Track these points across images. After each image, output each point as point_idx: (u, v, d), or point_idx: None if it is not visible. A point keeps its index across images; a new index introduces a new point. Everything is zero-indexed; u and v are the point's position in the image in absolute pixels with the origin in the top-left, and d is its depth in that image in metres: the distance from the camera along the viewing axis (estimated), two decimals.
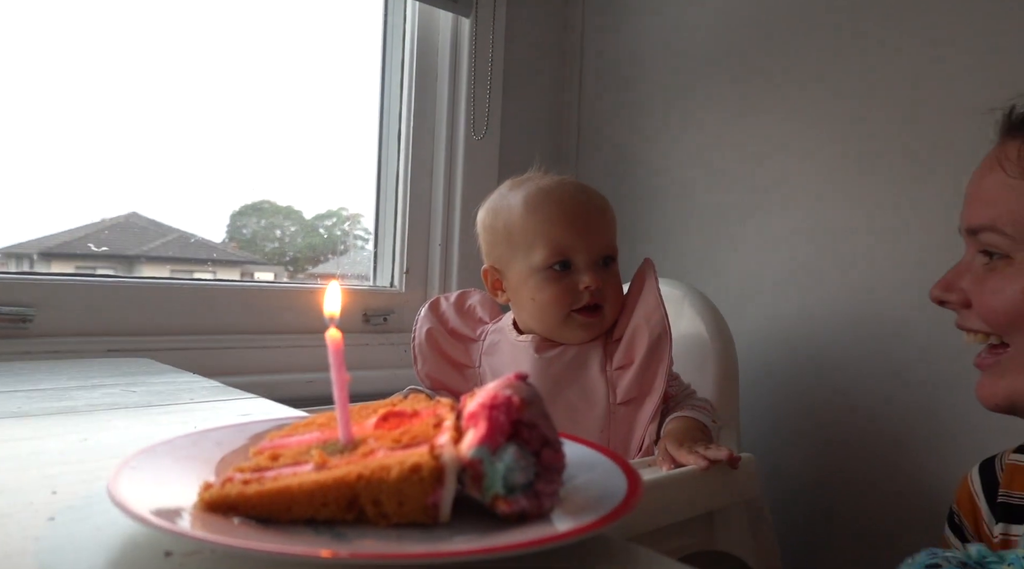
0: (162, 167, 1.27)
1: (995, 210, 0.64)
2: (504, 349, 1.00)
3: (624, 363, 0.92)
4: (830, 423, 1.18)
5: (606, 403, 0.93)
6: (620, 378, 0.92)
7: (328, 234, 1.57)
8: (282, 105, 1.39)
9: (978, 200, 0.66)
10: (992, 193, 0.65)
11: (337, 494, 0.33)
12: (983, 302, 0.64)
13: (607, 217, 0.97)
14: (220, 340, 1.22)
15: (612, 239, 0.96)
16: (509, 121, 1.55)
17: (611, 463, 0.39)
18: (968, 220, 0.67)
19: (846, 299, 1.18)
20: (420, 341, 1.02)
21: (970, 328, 0.67)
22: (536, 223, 0.93)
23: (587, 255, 0.92)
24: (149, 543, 0.33)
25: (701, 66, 1.41)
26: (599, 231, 0.94)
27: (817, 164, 1.22)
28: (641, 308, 0.93)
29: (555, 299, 0.92)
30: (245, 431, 0.47)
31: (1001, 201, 0.63)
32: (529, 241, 0.93)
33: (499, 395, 0.36)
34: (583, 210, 0.94)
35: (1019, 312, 0.61)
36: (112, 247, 1.27)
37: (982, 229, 0.65)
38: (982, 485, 0.73)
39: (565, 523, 0.33)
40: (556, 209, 0.93)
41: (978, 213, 0.66)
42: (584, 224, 0.93)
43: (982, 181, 0.66)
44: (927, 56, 1.09)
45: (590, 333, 0.94)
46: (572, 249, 0.92)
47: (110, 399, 0.71)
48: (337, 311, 0.42)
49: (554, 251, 0.92)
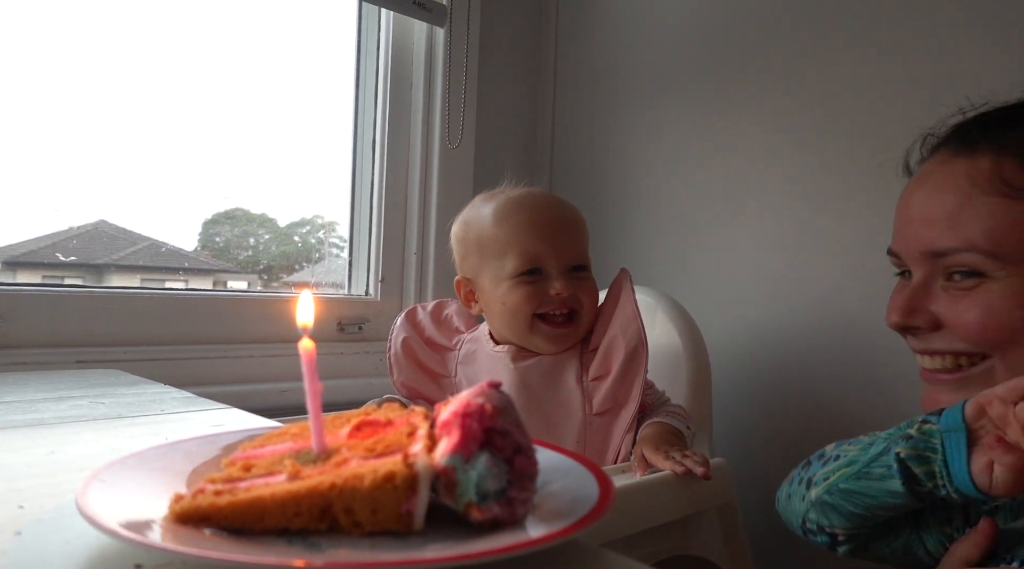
0: (132, 174, 1.25)
1: (968, 230, 0.63)
2: (480, 359, 1.01)
3: (600, 374, 0.93)
4: (801, 427, 1.20)
5: (582, 414, 0.93)
6: (596, 389, 0.93)
7: (303, 242, 1.57)
8: (256, 112, 1.38)
9: (940, 222, 0.65)
10: (962, 213, 0.63)
11: (310, 503, 0.33)
12: (967, 323, 0.63)
13: (577, 227, 0.98)
14: (192, 350, 1.20)
15: (583, 248, 0.97)
16: (484, 130, 1.56)
17: (584, 469, 0.40)
18: (929, 244, 0.65)
19: (815, 305, 1.20)
20: (396, 351, 1.03)
21: (938, 350, 0.66)
22: (507, 232, 0.94)
23: (557, 262, 0.94)
24: (119, 556, 0.33)
25: (673, 78, 1.43)
26: (569, 240, 0.95)
27: (785, 172, 1.25)
28: (618, 319, 0.94)
29: (524, 301, 0.93)
30: (217, 442, 0.47)
31: (974, 220, 0.62)
32: (501, 250, 0.95)
33: (472, 403, 0.36)
34: (553, 219, 0.95)
35: (1012, 328, 0.61)
36: (80, 256, 1.25)
37: (952, 251, 0.64)
38: None
39: (538, 529, 0.33)
40: (526, 218, 0.94)
41: (944, 236, 0.64)
42: (553, 232, 0.94)
43: (942, 201, 0.65)
44: (893, 64, 1.12)
45: (558, 343, 0.95)
46: (542, 257, 0.94)
47: (78, 411, 0.70)
48: (310, 321, 0.42)
49: (525, 259, 0.93)
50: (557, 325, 0.94)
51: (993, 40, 1.01)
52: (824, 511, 0.68)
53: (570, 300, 0.93)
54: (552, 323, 0.94)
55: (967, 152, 0.65)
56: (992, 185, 0.62)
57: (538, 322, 0.94)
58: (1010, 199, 0.61)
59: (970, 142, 0.66)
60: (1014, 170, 0.62)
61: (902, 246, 0.69)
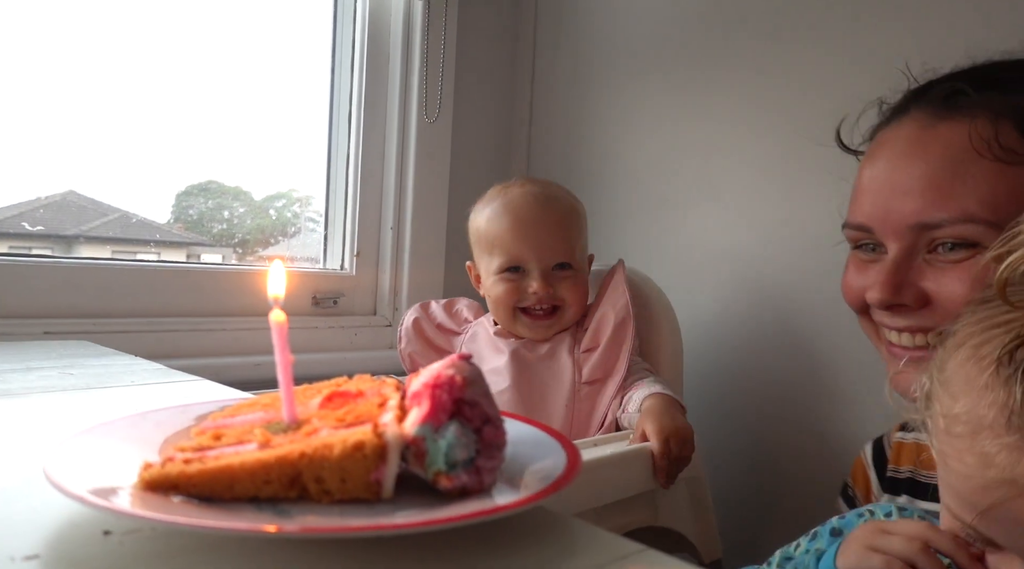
0: (102, 144, 1.23)
1: (963, 200, 0.58)
2: (482, 337, 1.10)
3: (591, 346, 1.02)
4: (770, 405, 1.23)
5: (572, 383, 1.01)
6: (586, 360, 1.02)
7: (278, 216, 1.55)
8: (230, 83, 1.35)
9: (927, 191, 0.60)
10: (955, 181, 0.59)
11: (280, 472, 0.33)
12: (959, 297, 0.58)
13: (562, 227, 1.05)
14: (164, 323, 1.19)
15: (567, 247, 1.04)
16: (462, 105, 1.55)
17: (552, 440, 0.41)
18: (915, 216, 0.61)
19: (787, 284, 1.22)
20: (407, 326, 1.13)
21: (921, 327, 0.62)
22: (494, 232, 1.04)
23: (538, 263, 1.02)
24: (88, 523, 0.33)
25: (652, 55, 1.43)
26: (552, 243, 1.03)
27: (759, 153, 1.26)
28: (609, 297, 1.04)
29: (504, 296, 1.03)
30: (187, 412, 0.47)
31: (969, 188, 0.58)
32: (490, 247, 1.05)
33: (442, 375, 0.37)
34: (536, 221, 1.03)
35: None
36: (48, 226, 1.22)
37: (946, 223, 0.59)
38: (873, 460, 0.76)
39: (505, 497, 0.34)
40: (510, 221, 1.03)
41: (934, 206, 0.60)
42: (535, 234, 1.02)
43: (926, 169, 0.60)
44: (870, 46, 1.13)
45: (540, 333, 1.04)
46: (523, 257, 1.03)
47: (46, 382, 0.69)
48: (281, 293, 0.42)
49: (507, 258, 1.03)
50: (537, 318, 1.03)
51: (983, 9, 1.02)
52: None
53: (547, 298, 1.02)
54: (532, 316, 1.03)
55: (951, 116, 0.61)
56: (989, 150, 0.58)
57: (520, 314, 1.04)
58: (1007, 164, 0.57)
59: (953, 106, 0.61)
60: (1010, 134, 0.58)
61: (875, 218, 0.64)
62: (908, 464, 0.72)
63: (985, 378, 0.41)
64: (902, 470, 0.72)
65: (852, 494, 0.78)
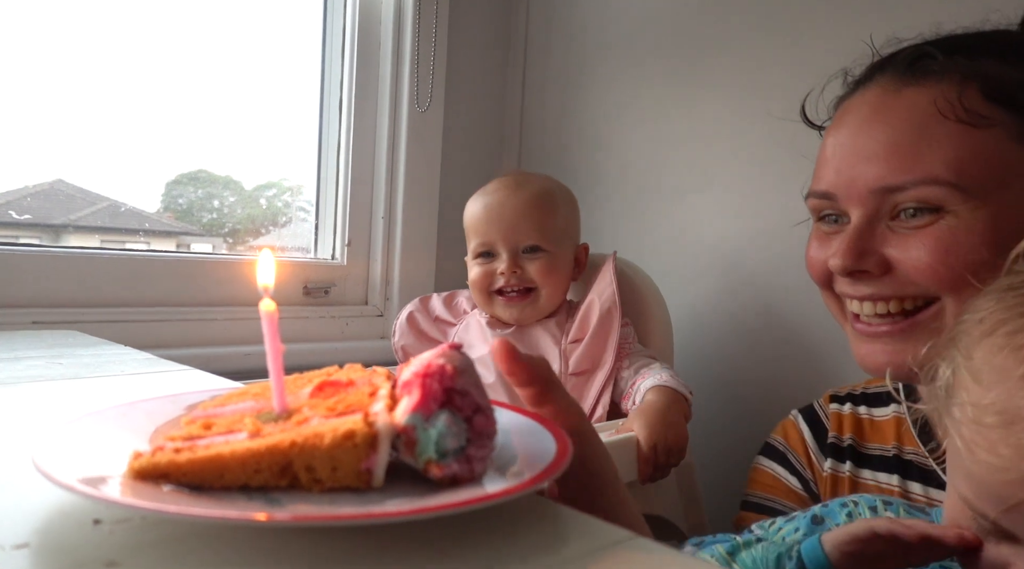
0: (90, 132, 1.21)
1: (927, 161, 0.58)
2: (473, 327, 1.13)
3: (577, 337, 1.04)
4: (759, 393, 1.23)
5: (558, 373, 1.00)
6: (573, 351, 1.04)
7: (269, 205, 1.54)
8: (220, 71, 1.34)
9: (891, 155, 0.60)
10: (920, 143, 0.59)
11: (270, 461, 0.33)
12: (922, 263, 0.59)
13: (528, 211, 1.06)
14: (153, 312, 1.19)
15: (533, 231, 1.06)
16: (453, 94, 1.54)
17: (541, 429, 0.41)
18: (878, 180, 0.61)
19: (775, 272, 1.22)
20: (401, 320, 1.17)
21: (883, 295, 0.62)
22: (470, 219, 1.10)
23: (506, 245, 1.05)
24: (78, 512, 0.33)
25: (646, 42, 1.43)
26: (517, 224, 1.06)
27: (750, 142, 1.26)
28: (595, 288, 1.07)
29: (478, 279, 1.07)
30: (178, 402, 0.46)
31: (934, 150, 0.58)
32: (468, 232, 1.10)
33: (433, 364, 0.37)
34: (504, 205, 1.07)
35: (974, 266, 0.55)
36: (36, 215, 1.21)
37: (909, 185, 0.59)
38: (808, 426, 0.78)
39: (495, 485, 0.34)
40: (481, 205, 1.09)
41: (898, 169, 0.60)
42: (500, 218, 1.06)
43: (890, 133, 0.61)
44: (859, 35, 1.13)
45: (516, 315, 1.07)
46: (491, 241, 1.07)
47: (35, 371, 0.69)
48: (271, 282, 0.42)
49: (479, 242, 1.08)
50: (511, 299, 1.06)
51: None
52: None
53: (514, 279, 1.04)
54: (506, 297, 1.06)
55: (916, 81, 0.61)
56: (953, 113, 0.58)
57: (495, 296, 1.07)
58: (972, 127, 0.58)
59: (919, 71, 0.62)
60: (976, 97, 0.58)
61: (839, 186, 0.64)
62: (849, 433, 0.75)
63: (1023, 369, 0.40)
64: (844, 438, 0.75)
65: (783, 449, 0.79)
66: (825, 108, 0.75)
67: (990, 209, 0.57)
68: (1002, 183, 0.57)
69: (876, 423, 0.74)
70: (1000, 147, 0.58)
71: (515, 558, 0.30)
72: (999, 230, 0.57)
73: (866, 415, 0.75)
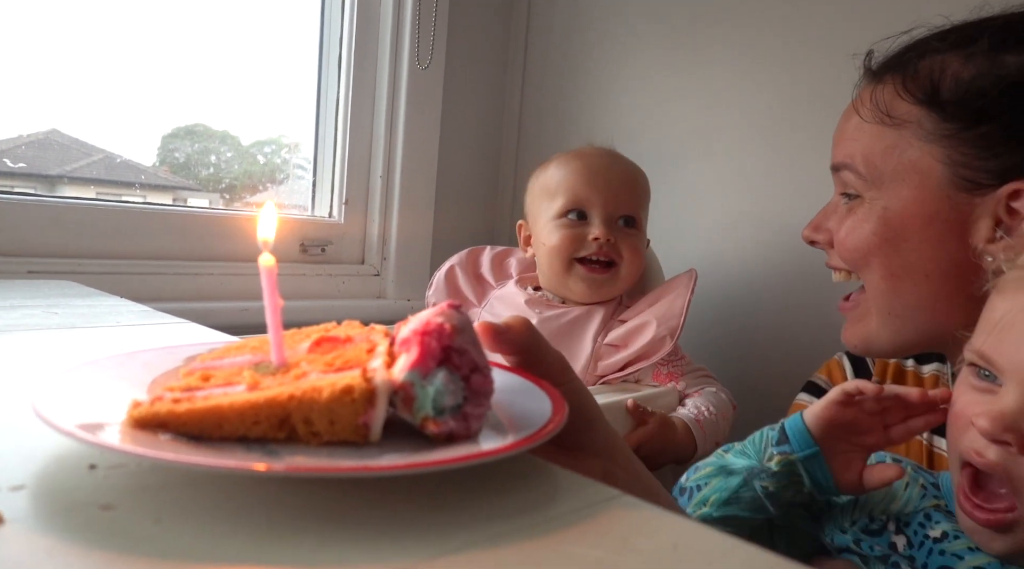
0: (86, 82, 1.19)
1: (850, 149, 0.68)
2: (508, 298, 1.06)
3: (617, 343, 0.96)
4: (760, 364, 1.24)
5: (583, 370, 0.96)
6: (607, 354, 0.96)
7: (267, 162, 1.53)
8: (219, 24, 1.32)
9: (838, 141, 0.70)
10: (848, 133, 0.69)
11: (269, 413, 0.34)
12: (840, 241, 0.68)
13: (632, 182, 1.02)
14: (150, 265, 1.18)
15: (634, 203, 1.01)
16: (454, 52, 1.52)
17: (538, 389, 0.41)
18: (832, 160, 0.71)
19: (779, 241, 1.22)
20: (441, 273, 1.11)
21: (836, 266, 0.71)
22: (562, 177, 1.00)
23: (602, 210, 0.98)
24: (74, 457, 0.33)
25: (645, 11, 1.40)
26: (619, 191, 0.99)
27: (752, 110, 1.25)
28: (662, 307, 0.97)
29: (562, 243, 0.97)
30: (175, 354, 0.47)
31: (855, 142, 0.67)
32: (553, 192, 1.00)
33: (431, 322, 0.37)
34: (605, 170, 1.00)
35: (868, 250, 0.65)
36: (30, 165, 1.20)
37: (841, 168, 0.69)
38: (852, 367, 0.81)
39: (491, 443, 0.35)
40: (580, 165, 1.00)
41: (837, 153, 0.70)
42: (604, 182, 0.98)
43: (844, 123, 0.70)
44: (859, 4, 1.11)
45: (593, 289, 0.98)
46: (588, 202, 0.98)
47: (31, 320, 0.69)
48: (271, 237, 0.42)
49: (571, 200, 0.98)
50: (594, 270, 0.98)
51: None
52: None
53: (607, 247, 0.97)
54: (589, 267, 0.98)
55: (867, 80, 0.70)
56: (872, 112, 0.66)
57: (576, 264, 0.98)
58: (885, 126, 0.65)
59: (869, 73, 0.70)
60: (892, 99, 0.65)
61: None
62: (890, 379, 0.77)
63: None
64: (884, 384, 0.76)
65: (825, 386, 0.81)
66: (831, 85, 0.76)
67: (884, 201, 0.65)
68: (898, 177, 0.64)
69: (917, 375, 0.76)
70: (906, 145, 0.64)
71: (507, 513, 0.31)
72: (887, 221, 0.64)
73: (911, 367, 0.76)
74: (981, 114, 0.59)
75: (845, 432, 0.55)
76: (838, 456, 0.55)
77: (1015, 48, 0.59)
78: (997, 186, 0.59)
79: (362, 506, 0.31)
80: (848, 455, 0.55)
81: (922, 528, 0.53)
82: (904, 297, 0.64)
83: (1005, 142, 0.59)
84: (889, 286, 0.65)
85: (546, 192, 1.01)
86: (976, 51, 0.61)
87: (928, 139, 0.62)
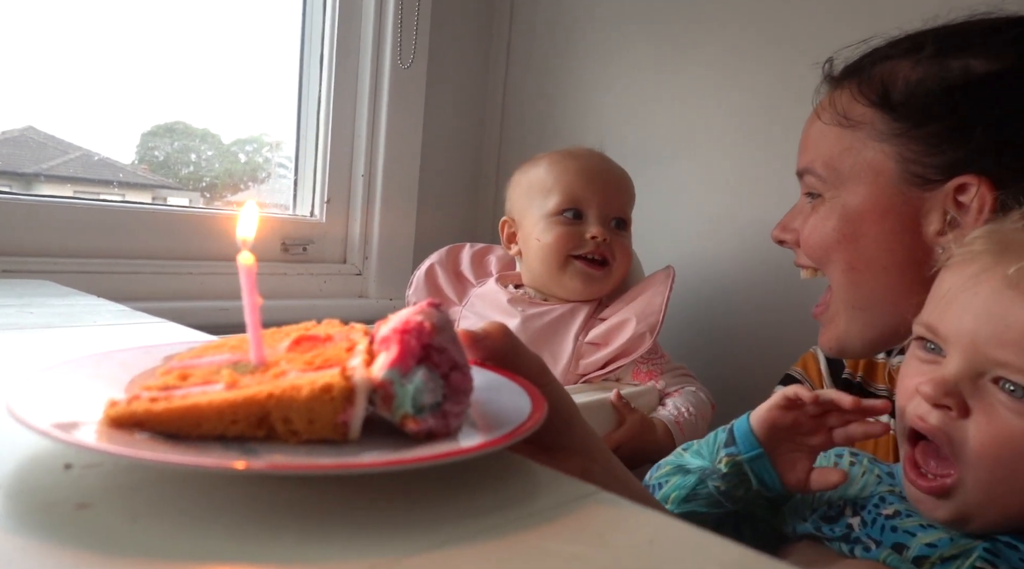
0: (62, 78, 1.18)
1: (812, 154, 0.70)
2: (489, 296, 1.06)
3: (598, 341, 0.97)
4: (741, 362, 1.26)
5: (564, 370, 0.96)
6: (588, 352, 0.97)
7: (248, 160, 1.52)
8: (199, 20, 1.31)
9: (803, 145, 0.73)
10: (811, 138, 0.71)
11: (248, 411, 0.34)
12: (804, 239, 0.70)
13: (623, 185, 1.03)
14: (127, 264, 1.17)
15: (625, 206, 1.02)
16: (437, 51, 1.51)
17: (517, 387, 0.41)
18: (797, 165, 0.73)
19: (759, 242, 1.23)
20: (420, 273, 1.11)
21: (803, 264, 0.73)
22: (556, 174, 1.00)
23: (599, 210, 0.99)
24: (48, 456, 0.33)
25: (628, 11, 1.41)
26: (613, 193, 1.00)
27: (734, 111, 1.26)
28: (641, 304, 0.98)
29: (559, 241, 0.98)
30: (153, 353, 0.46)
31: (816, 145, 0.70)
32: (547, 189, 1.00)
33: (411, 321, 0.37)
34: (601, 171, 1.01)
35: (830, 246, 0.67)
36: (5, 163, 1.18)
37: (804, 172, 0.71)
38: (827, 360, 0.83)
39: (470, 440, 0.35)
40: (576, 165, 1.00)
41: (802, 159, 0.72)
42: (600, 181, 0.99)
43: (807, 129, 0.73)
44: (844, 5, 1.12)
45: (589, 286, 0.99)
46: (585, 201, 0.99)
47: (5, 320, 0.68)
48: (250, 235, 0.42)
49: (568, 198, 0.98)
50: (591, 265, 0.98)
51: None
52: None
53: (603, 247, 0.98)
54: (585, 262, 0.98)
55: (827, 87, 0.73)
56: (831, 115, 0.69)
57: (572, 260, 0.98)
58: (843, 128, 0.67)
59: (830, 79, 0.73)
60: (849, 102, 0.67)
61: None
62: (862, 372, 0.80)
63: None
64: (856, 376, 0.80)
65: (801, 379, 0.83)
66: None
67: (843, 198, 0.67)
68: (855, 176, 0.66)
69: (888, 368, 0.78)
70: (862, 145, 0.66)
71: (486, 510, 0.31)
72: (846, 217, 0.66)
73: (882, 359, 0.78)
74: (928, 114, 0.62)
75: (789, 434, 0.57)
76: (783, 456, 0.57)
77: (958, 53, 0.63)
78: (944, 181, 0.62)
79: (341, 504, 0.31)
80: (793, 456, 0.57)
81: (876, 509, 0.55)
82: (865, 289, 0.67)
83: (950, 139, 0.62)
84: (850, 280, 0.67)
85: (539, 189, 1.01)
86: (923, 57, 0.64)
87: (881, 138, 0.65)
